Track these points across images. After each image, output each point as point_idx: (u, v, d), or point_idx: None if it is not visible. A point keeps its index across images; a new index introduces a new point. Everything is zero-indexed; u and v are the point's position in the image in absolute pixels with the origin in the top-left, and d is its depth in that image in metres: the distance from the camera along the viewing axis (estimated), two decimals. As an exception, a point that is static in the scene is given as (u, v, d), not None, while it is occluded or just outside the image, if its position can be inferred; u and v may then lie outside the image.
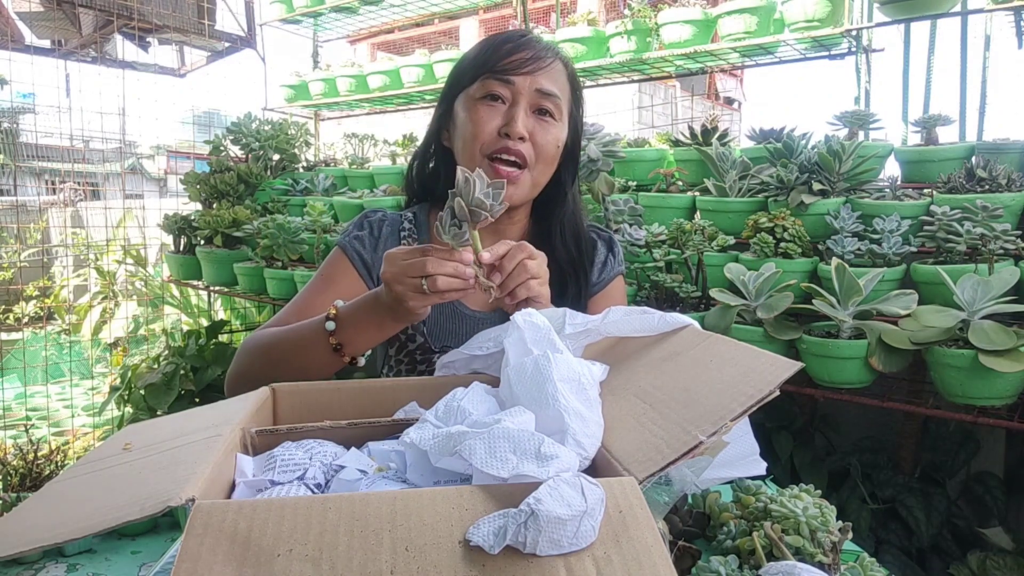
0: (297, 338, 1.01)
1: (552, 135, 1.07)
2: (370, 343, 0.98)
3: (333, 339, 0.95)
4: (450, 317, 1.14)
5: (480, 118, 1.05)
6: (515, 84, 1.05)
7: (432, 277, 0.83)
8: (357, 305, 0.95)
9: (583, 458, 0.57)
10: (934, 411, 1.50)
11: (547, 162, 1.09)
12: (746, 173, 1.92)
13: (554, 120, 1.08)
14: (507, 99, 1.06)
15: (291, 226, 2.45)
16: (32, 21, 3.78)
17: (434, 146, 1.20)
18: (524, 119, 1.04)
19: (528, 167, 1.07)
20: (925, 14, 2.08)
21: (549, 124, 1.07)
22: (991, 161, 1.64)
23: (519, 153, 1.04)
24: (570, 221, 1.19)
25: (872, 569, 0.69)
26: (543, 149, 1.07)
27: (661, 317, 0.77)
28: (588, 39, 2.79)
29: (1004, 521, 1.69)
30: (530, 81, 1.05)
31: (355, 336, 0.95)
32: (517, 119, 1.04)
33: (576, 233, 1.20)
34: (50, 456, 2.72)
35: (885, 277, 1.52)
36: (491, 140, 1.05)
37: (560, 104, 1.08)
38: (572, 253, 1.18)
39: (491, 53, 1.07)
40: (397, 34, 7.18)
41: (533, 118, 1.06)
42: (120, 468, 0.64)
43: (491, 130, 1.05)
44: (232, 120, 3.26)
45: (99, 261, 5.00)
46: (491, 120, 1.05)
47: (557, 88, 1.07)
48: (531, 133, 1.05)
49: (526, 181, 1.08)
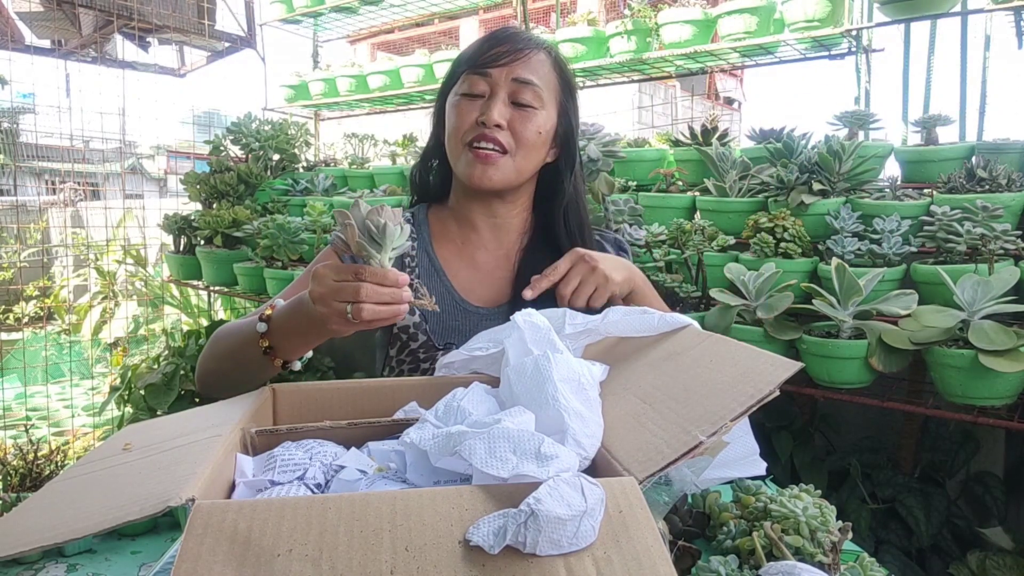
0: (238, 333, 0.97)
1: (533, 123, 1.09)
2: (299, 351, 0.93)
3: (264, 341, 0.90)
4: (452, 314, 1.14)
5: (461, 112, 1.09)
6: (492, 76, 1.08)
7: (358, 305, 0.77)
8: (289, 309, 0.90)
9: (583, 458, 0.57)
10: (934, 411, 1.50)
11: (528, 149, 1.10)
12: (746, 173, 1.92)
13: (535, 108, 1.09)
14: (486, 92, 1.08)
15: (291, 226, 2.45)
16: (32, 21, 3.78)
17: (435, 147, 1.21)
18: (500, 108, 1.07)
19: (509, 153, 1.09)
20: (925, 14, 2.08)
21: (529, 112, 1.09)
22: (991, 161, 1.64)
23: (495, 140, 1.07)
24: (574, 212, 1.19)
25: (872, 569, 0.69)
26: (523, 136, 1.08)
27: (661, 317, 0.77)
28: (588, 39, 2.78)
29: (1004, 521, 1.69)
30: (507, 72, 1.08)
31: (283, 341, 0.90)
32: (492, 109, 1.06)
33: (580, 224, 1.19)
34: (50, 456, 2.72)
35: (885, 277, 1.52)
36: (470, 129, 1.08)
37: (540, 92, 1.09)
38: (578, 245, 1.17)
39: (474, 51, 1.11)
40: (397, 34, 7.18)
41: (512, 107, 1.08)
42: (120, 468, 0.64)
43: (470, 121, 1.08)
44: (232, 120, 3.26)
45: (99, 261, 5.00)
46: (470, 113, 1.08)
47: (536, 77, 1.09)
48: (509, 121, 1.07)
49: (507, 165, 1.09)
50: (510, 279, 1.18)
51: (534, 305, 0.85)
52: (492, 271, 1.19)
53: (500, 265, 1.19)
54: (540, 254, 1.17)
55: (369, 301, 0.77)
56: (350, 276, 0.79)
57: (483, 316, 1.14)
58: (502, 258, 1.19)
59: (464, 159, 1.10)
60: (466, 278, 1.17)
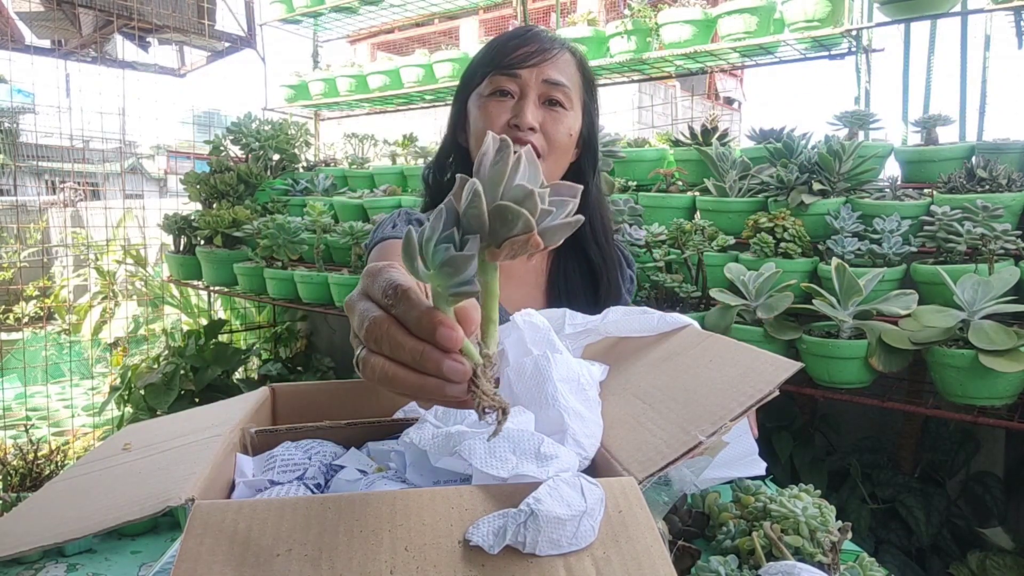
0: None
1: (564, 124, 1.07)
2: None
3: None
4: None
5: (490, 113, 1.05)
6: (522, 77, 1.05)
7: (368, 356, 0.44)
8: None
9: (583, 458, 0.57)
10: (934, 411, 1.50)
11: (560, 151, 1.08)
12: (746, 173, 1.92)
13: (564, 109, 1.07)
14: (516, 93, 1.06)
15: (291, 226, 2.46)
16: (32, 21, 3.78)
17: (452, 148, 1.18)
18: (533, 110, 1.04)
19: (542, 157, 1.05)
20: (925, 14, 2.08)
21: (560, 114, 1.06)
22: (991, 161, 1.64)
23: (529, 143, 1.03)
24: (597, 214, 1.17)
25: (872, 569, 0.69)
26: (555, 139, 1.06)
27: (661, 317, 0.77)
28: (588, 39, 2.78)
29: (1004, 521, 1.69)
30: (537, 72, 1.05)
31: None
32: (526, 110, 1.03)
33: (605, 227, 1.17)
34: (50, 456, 2.72)
35: (885, 277, 1.52)
36: (501, 132, 1.04)
37: (570, 93, 1.07)
38: (604, 246, 1.16)
39: (498, 50, 1.08)
40: (397, 34, 7.18)
41: (543, 109, 1.06)
42: (120, 468, 0.64)
43: (501, 124, 1.05)
44: (232, 120, 3.27)
45: (99, 261, 4.99)
46: (501, 115, 1.05)
47: (565, 77, 1.07)
48: (542, 124, 1.05)
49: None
50: (542, 284, 1.16)
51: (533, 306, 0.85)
52: (523, 276, 1.16)
53: (530, 272, 1.17)
54: (569, 257, 1.16)
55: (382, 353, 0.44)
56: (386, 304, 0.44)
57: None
58: (531, 265, 1.17)
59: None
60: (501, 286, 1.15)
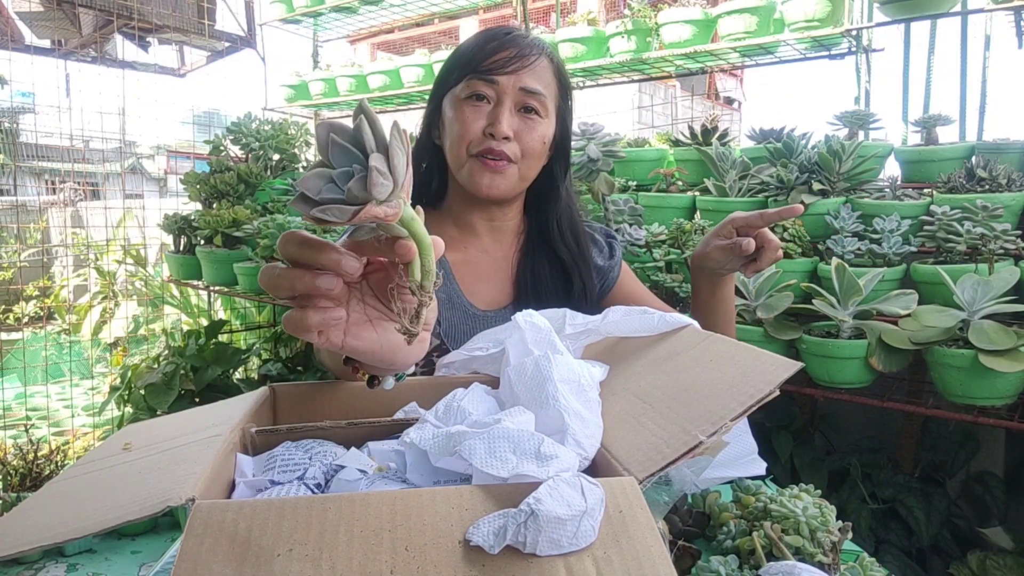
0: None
1: (538, 132, 1.08)
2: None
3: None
4: (463, 318, 1.14)
5: (466, 118, 1.06)
6: (499, 84, 1.05)
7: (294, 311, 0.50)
8: None
9: (583, 458, 0.57)
10: (934, 411, 1.50)
11: (533, 158, 1.10)
12: (746, 173, 1.92)
13: (540, 117, 1.08)
14: (492, 98, 1.07)
15: (291, 226, 2.45)
16: (32, 21, 3.78)
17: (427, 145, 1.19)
18: (509, 119, 1.05)
19: (515, 163, 1.08)
20: (925, 14, 2.08)
21: (534, 122, 1.08)
22: (991, 161, 1.64)
23: (503, 154, 1.05)
24: (567, 216, 1.19)
25: (872, 569, 0.69)
26: (529, 147, 1.07)
27: (661, 317, 0.77)
28: (588, 39, 2.78)
29: (1004, 521, 1.69)
30: (514, 80, 1.06)
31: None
32: (501, 119, 1.04)
33: (575, 228, 1.20)
34: (50, 456, 2.72)
35: (885, 277, 1.52)
36: (477, 140, 1.06)
37: (545, 101, 1.08)
38: (573, 248, 1.18)
39: (476, 52, 1.08)
40: (397, 34, 7.18)
41: (518, 116, 1.07)
42: (120, 468, 0.64)
43: (476, 130, 1.06)
44: (232, 120, 3.26)
45: (99, 261, 5.00)
46: (476, 120, 1.06)
47: (542, 85, 1.08)
48: (516, 132, 1.06)
49: (513, 174, 1.08)
50: (510, 280, 1.18)
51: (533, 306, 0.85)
52: (494, 273, 1.19)
53: (500, 267, 1.19)
54: (536, 255, 1.18)
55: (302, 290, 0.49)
56: (306, 250, 0.50)
57: (490, 319, 1.13)
58: (501, 260, 1.19)
59: (469, 167, 1.08)
60: (471, 282, 1.17)
